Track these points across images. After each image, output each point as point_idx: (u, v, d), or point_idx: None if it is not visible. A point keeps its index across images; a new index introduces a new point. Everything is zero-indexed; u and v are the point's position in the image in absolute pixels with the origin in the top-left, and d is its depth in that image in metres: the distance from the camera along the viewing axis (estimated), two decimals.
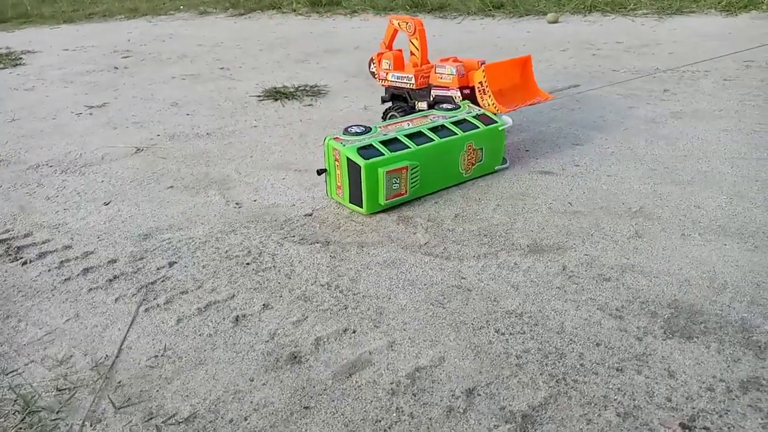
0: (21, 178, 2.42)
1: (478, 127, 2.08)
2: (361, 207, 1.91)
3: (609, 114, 2.77)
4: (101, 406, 1.19)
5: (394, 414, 1.14)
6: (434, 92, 2.37)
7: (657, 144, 2.37)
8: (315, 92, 3.46)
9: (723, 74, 3.27)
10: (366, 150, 1.89)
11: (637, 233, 1.72)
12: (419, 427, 1.10)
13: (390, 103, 2.57)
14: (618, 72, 3.49)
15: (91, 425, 1.15)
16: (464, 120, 2.10)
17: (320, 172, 2.03)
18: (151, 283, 1.61)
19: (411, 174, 1.91)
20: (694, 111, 2.73)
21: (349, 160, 1.88)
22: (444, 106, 2.21)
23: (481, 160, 2.11)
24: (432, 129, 2.02)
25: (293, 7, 6.81)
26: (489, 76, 2.20)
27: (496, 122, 2.12)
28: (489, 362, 1.25)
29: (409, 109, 2.46)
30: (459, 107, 2.20)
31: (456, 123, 2.08)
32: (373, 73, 2.61)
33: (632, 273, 1.53)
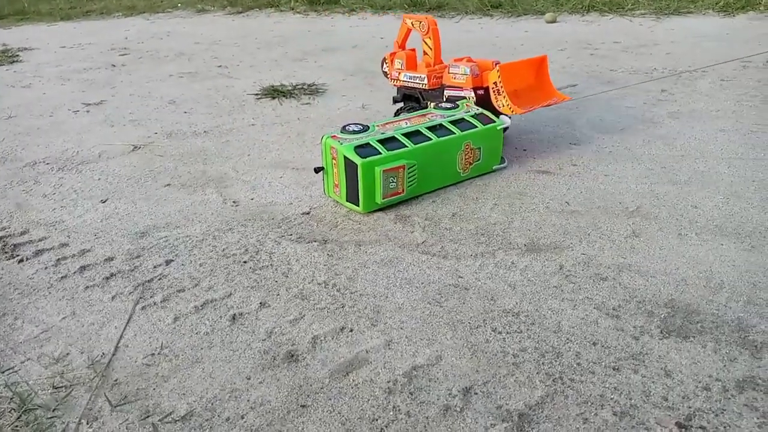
0: (17, 176, 2.42)
1: (476, 127, 2.07)
2: (358, 206, 1.91)
3: (606, 114, 2.77)
4: (98, 404, 1.19)
5: (391, 413, 1.14)
6: (447, 92, 2.32)
7: (654, 144, 2.37)
8: (313, 91, 3.45)
9: (720, 74, 3.27)
10: (363, 148, 1.89)
11: (634, 233, 1.72)
12: (416, 426, 1.10)
13: (402, 104, 2.52)
14: (616, 72, 3.50)
15: (88, 423, 1.15)
16: (462, 119, 2.10)
17: (317, 170, 2.02)
18: (148, 281, 1.61)
19: (408, 173, 1.91)
20: (692, 111, 2.73)
21: (347, 159, 1.87)
22: (443, 105, 2.20)
23: (479, 160, 2.11)
24: (430, 128, 2.01)
25: (291, 6, 6.80)
26: (504, 77, 2.15)
27: (495, 122, 2.12)
28: (486, 361, 1.25)
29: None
30: (458, 106, 2.19)
31: (454, 122, 2.07)
32: (386, 73, 2.54)
33: (629, 272, 1.53)
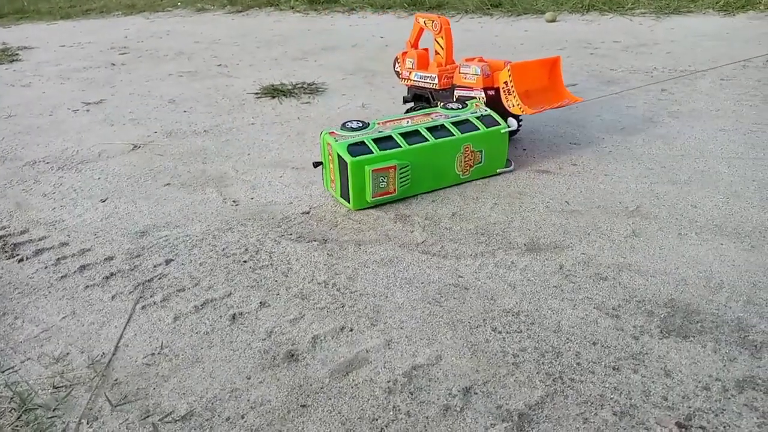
0: (17, 175, 2.42)
1: (479, 129, 2.04)
2: (349, 202, 1.92)
3: (606, 113, 2.77)
4: (98, 404, 1.19)
5: (391, 412, 1.14)
6: (458, 92, 2.29)
7: (654, 143, 2.37)
8: (313, 90, 3.45)
9: (720, 74, 3.27)
10: (356, 147, 1.89)
11: (634, 232, 1.72)
12: (416, 426, 1.10)
13: (412, 104, 2.49)
14: (615, 71, 3.50)
15: (88, 423, 1.15)
16: (466, 120, 2.06)
17: (316, 165, 2.04)
18: (148, 281, 1.61)
19: (400, 173, 1.91)
20: (692, 110, 2.73)
21: (339, 156, 1.89)
22: (450, 105, 2.17)
23: (481, 163, 2.08)
24: (429, 128, 2.00)
25: (291, 5, 6.80)
26: (515, 77, 2.12)
27: (499, 124, 2.07)
28: (486, 361, 1.25)
29: None
30: (466, 106, 2.15)
31: (456, 123, 2.04)
32: (398, 73, 2.51)
33: (629, 272, 1.53)
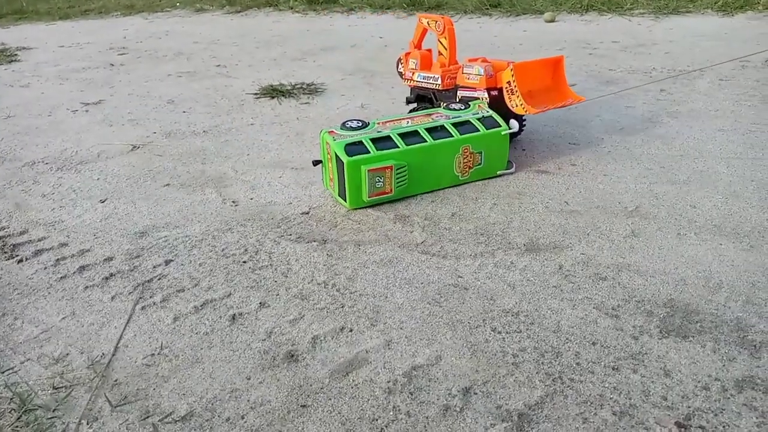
0: (16, 176, 2.42)
1: (479, 130, 2.03)
2: (346, 201, 1.93)
3: (605, 113, 2.78)
4: (98, 405, 1.19)
5: (391, 412, 1.14)
6: (461, 93, 2.28)
7: (653, 143, 2.38)
8: (312, 90, 3.45)
9: (719, 74, 3.28)
10: (353, 146, 1.90)
11: (633, 232, 1.72)
12: (416, 426, 1.10)
13: (415, 104, 2.49)
14: (614, 71, 3.50)
15: (88, 423, 1.15)
16: (467, 121, 2.05)
17: (316, 163, 2.05)
18: (148, 281, 1.61)
19: (397, 173, 1.91)
20: (690, 111, 2.74)
21: (337, 155, 1.89)
22: (452, 106, 2.16)
23: (480, 164, 2.07)
24: (429, 129, 2.00)
25: (290, 5, 6.80)
26: (518, 76, 2.12)
27: (500, 126, 2.06)
28: (485, 361, 1.25)
29: None
30: (469, 107, 2.15)
31: (456, 124, 2.03)
32: (401, 74, 2.50)
33: (628, 272, 1.53)
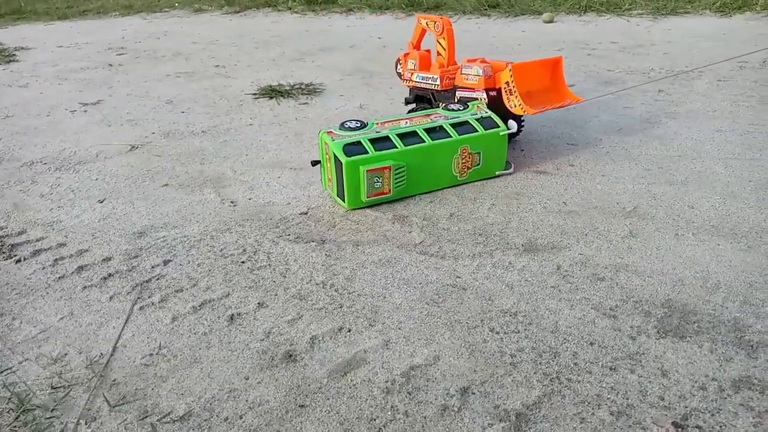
0: (15, 176, 2.41)
1: (477, 131, 2.03)
2: (344, 202, 1.93)
3: (603, 114, 2.78)
4: (96, 405, 1.19)
5: (389, 412, 1.14)
6: (459, 93, 2.29)
7: (651, 144, 2.38)
8: (310, 90, 3.45)
9: (717, 75, 3.28)
10: (352, 147, 1.90)
11: (631, 233, 1.73)
12: (414, 426, 1.11)
13: (414, 105, 2.49)
14: (613, 72, 3.51)
15: (86, 423, 1.15)
16: (465, 122, 2.05)
17: (314, 164, 2.06)
18: (146, 282, 1.61)
19: (395, 174, 1.91)
20: (689, 111, 2.74)
21: (335, 156, 1.89)
22: (451, 107, 2.16)
23: (479, 165, 2.08)
24: (427, 130, 2.00)
25: (289, 5, 6.80)
26: (516, 77, 2.12)
27: (498, 127, 2.06)
28: (483, 361, 1.26)
29: None
30: (467, 108, 2.15)
31: (455, 125, 2.03)
32: (400, 74, 2.50)
33: (626, 272, 1.53)
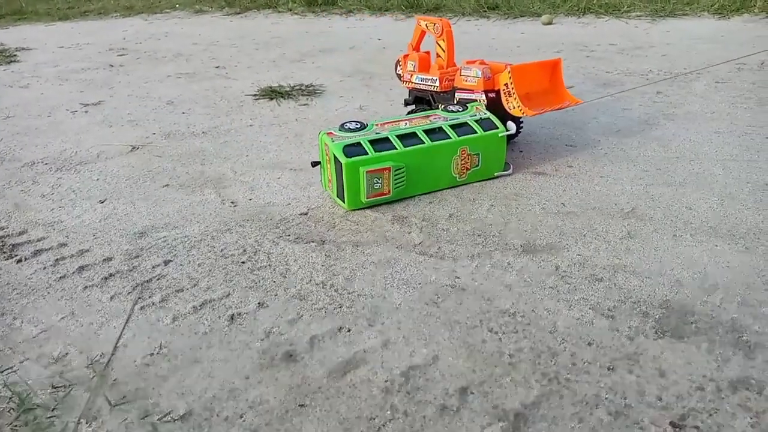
0: (16, 176, 2.42)
1: (476, 132, 2.04)
2: (344, 202, 1.94)
3: (602, 115, 2.79)
4: (97, 404, 1.20)
5: (388, 412, 1.15)
6: (458, 95, 2.29)
7: (649, 145, 2.39)
8: (310, 92, 3.46)
9: (715, 76, 3.29)
10: (352, 148, 1.91)
11: (630, 234, 1.73)
12: (413, 425, 1.11)
13: (413, 106, 2.50)
14: (611, 74, 3.51)
15: (87, 423, 1.15)
16: (464, 123, 2.06)
17: (314, 165, 2.06)
18: (147, 282, 1.61)
19: (395, 175, 1.92)
20: (687, 113, 2.75)
21: (335, 157, 1.90)
22: (450, 108, 2.17)
23: (477, 166, 2.08)
24: (427, 131, 2.01)
25: (289, 7, 6.80)
26: (515, 79, 2.12)
27: (497, 128, 2.07)
28: (482, 361, 1.26)
29: None
30: (467, 109, 2.15)
31: (454, 126, 2.04)
32: (400, 76, 2.51)
33: (624, 273, 1.54)
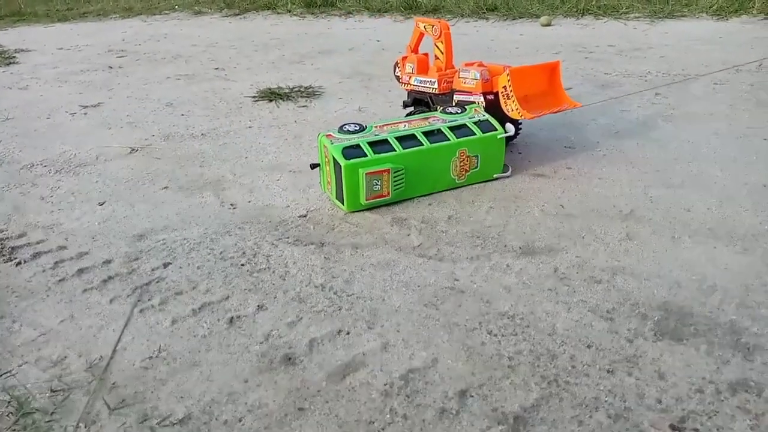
0: (15, 178, 2.42)
1: (475, 134, 2.04)
2: (343, 204, 1.94)
3: (600, 117, 2.79)
4: (96, 408, 1.20)
5: (388, 415, 1.15)
6: (457, 97, 2.29)
7: (648, 147, 2.39)
8: (310, 93, 3.46)
9: (714, 78, 3.30)
10: (351, 150, 1.91)
11: (628, 236, 1.73)
12: (412, 429, 1.11)
13: (412, 108, 2.50)
14: (610, 75, 3.52)
15: (86, 426, 1.15)
16: (463, 125, 2.06)
17: (313, 167, 2.07)
18: (146, 284, 1.61)
19: (394, 176, 1.92)
20: (685, 114, 2.75)
21: (334, 159, 1.91)
22: (449, 110, 2.17)
23: (476, 167, 2.09)
24: (425, 133, 2.01)
25: (288, 8, 6.81)
26: (514, 81, 2.12)
27: (496, 130, 2.07)
28: (481, 364, 1.26)
29: None
30: (465, 111, 2.16)
31: (453, 128, 2.04)
32: (398, 77, 2.51)
33: (623, 275, 1.54)
